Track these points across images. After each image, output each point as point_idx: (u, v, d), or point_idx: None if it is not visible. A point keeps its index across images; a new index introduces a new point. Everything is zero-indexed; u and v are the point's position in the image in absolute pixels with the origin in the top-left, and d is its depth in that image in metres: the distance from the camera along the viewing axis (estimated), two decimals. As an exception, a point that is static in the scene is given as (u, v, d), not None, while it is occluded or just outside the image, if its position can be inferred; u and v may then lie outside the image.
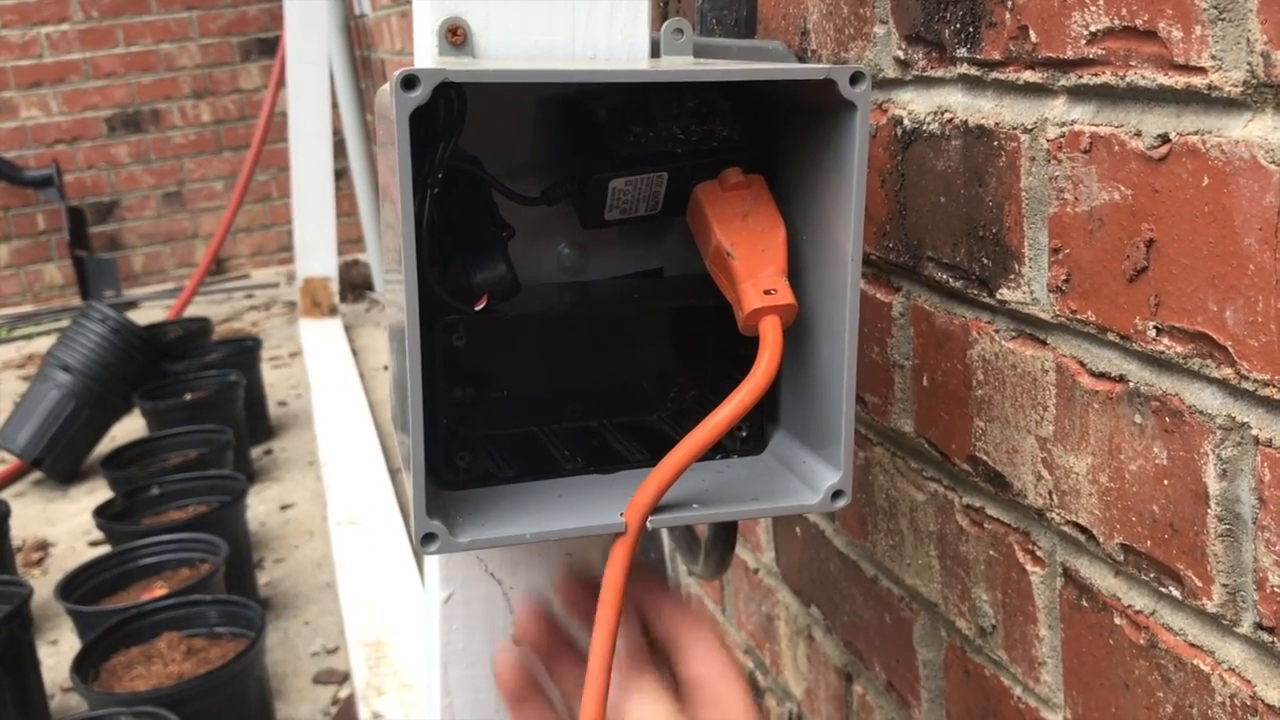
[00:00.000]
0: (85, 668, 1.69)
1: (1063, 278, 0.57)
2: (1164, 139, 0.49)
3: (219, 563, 1.95)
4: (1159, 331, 0.51)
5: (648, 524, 0.55)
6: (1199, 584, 0.51)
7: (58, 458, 2.88)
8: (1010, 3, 0.56)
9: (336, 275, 3.93)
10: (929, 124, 0.66)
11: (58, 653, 2.10)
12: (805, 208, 0.59)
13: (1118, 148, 0.51)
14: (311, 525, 2.55)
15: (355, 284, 4.34)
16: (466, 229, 0.59)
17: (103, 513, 2.22)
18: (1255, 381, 0.46)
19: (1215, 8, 0.45)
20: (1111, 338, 0.54)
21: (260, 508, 2.66)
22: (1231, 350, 0.47)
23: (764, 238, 0.58)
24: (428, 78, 0.49)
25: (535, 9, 0.60)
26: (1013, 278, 0.60)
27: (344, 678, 1.93)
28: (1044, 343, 0.60)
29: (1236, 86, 0.45)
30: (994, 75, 0.59)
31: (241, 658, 1.65)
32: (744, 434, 0.64)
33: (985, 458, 0.66)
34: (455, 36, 0.59)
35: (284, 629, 2.13)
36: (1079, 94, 0.54)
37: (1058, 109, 0.55)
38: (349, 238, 4.49)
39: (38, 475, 2.93)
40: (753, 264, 0.57)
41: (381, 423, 2.84)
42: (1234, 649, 0.51)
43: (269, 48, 4.77)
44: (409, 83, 0.48)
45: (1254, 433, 0.47)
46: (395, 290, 0.55)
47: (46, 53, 4.68)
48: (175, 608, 1.82)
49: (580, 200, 0.62)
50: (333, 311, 3.88)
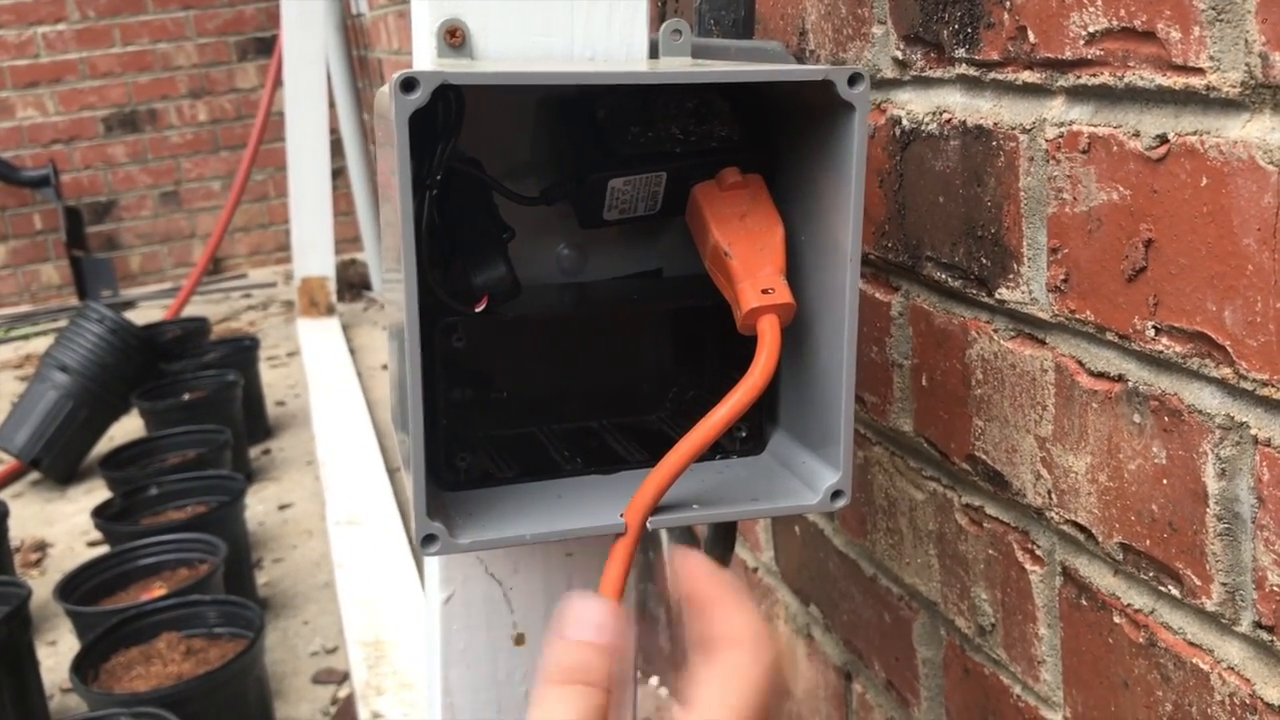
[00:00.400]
0: (84, 668, 1.69)
1: (1061, 277, 0.57)
2: (1162, 139, 0.49)
3: (218, 563, 1.95)
4: (1158, 331, 0.51)
5: (647, 524, 0.55)
6: (1198, 583, 0.52)
7: (56, 458, 2.88)
8: (1008, 3, 0.56)
9: (334, 274, 3.92)
10: (927, 124, 0.66)
11: (57, 653, 2.10)
12: (804, 207, 0.59)
13: (1116, 148, 0.52)
14: (310, 525, 2.54)
15: (353, 283, 4.34)
16: (466, 230, 0.59)
17: (101, 513, 2.22)
18: (1254, 381, 0.46)
19: (1213, 9, 0.45)
20: (1110, 337, 0.54)
21: (259, 507, 2.66)
22: (1230, 350, 0.47)
23: (762, 237, 0.58)
24: (427, 80, 0.49)
25: (534, 10, 0.60)
26: (1011, 277, 0.60)
27: (343, 677, 1.93)
28: (1043, 342, 0.60)
29: (1235, 87, 0.45)
30: (992, 75, 0.59)
31: (241, 658, 1.65)
32: (743, 434, 0.64)
33: (984, 457, 0.66)
34: (454, 38, 0.59)
35: (283, 629, 2.13)
36: (1077, 94, 0.54)
37: (1056, 109, 0.55)
38: (346, 237, 4.49)
39: (36, 476, 2.93)
40: (750, 263, 0.57)
41: (380, 422, 2.83)
42: (1233, 648, 0.51)
43: (266, 47, 4.76)
44: (408, 85, 0.48)
45: (1253, 432, 0.47)
46: (395, 290, 0.55)
47: (43, 52, 4.67)
48: (174, 608, 1.82)
49: (579, 200, 0.62)
50: (330, 311, 3.87)
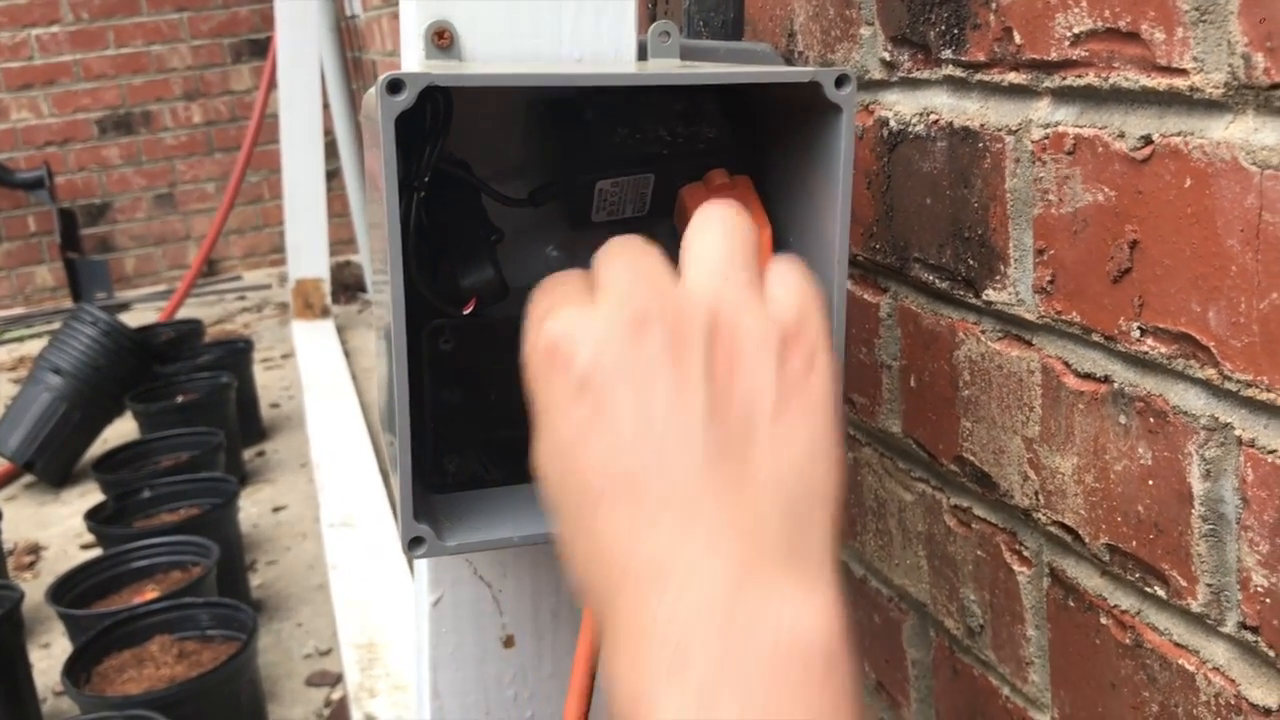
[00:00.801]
0: (77, 671, 1.69)
1: (1047, 279, 0.57)
2: (1147, 140, 0.49)
3: (211, 565, 1.95)
4: (1143, 332, 0.51)
5: None
6: (1183, 584, 0.52)
7: (49, 461, 2.88)
8: (994, 4, 0.57)
9: (328, 276, 3.93)
10: (915, 125, 0.66)
11: (49, 656, 2.10)
12: (792, 208, 0.59)
13: (1101, 149, 0.52)
14: (304, 527, 2.54)
15: (347, 285, 4.34)
16: (454, 232, 0.59)
17: (94, 516, 2.22)
18: (1238, 382, 0.46)
19: (1196, 9, 0.45)
20: (1096, 338, 0.54)
21: (253, 509, 2.66)
22: (1214, 351, 0.47)
23: (750, 239, 0.58)
24: (413, 82, 0.49)
25: (522, 11, 0.60)
26: (998, 279, 0.61)
27: (336, 679, 1.92)
28: (1029, 343, 0.60)
29: (1218, 88, 0.45)
30: (979, 77, 0.59)
31: (234, 660, 1.65)
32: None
33: (972, 458, 0.66)
34: (442, 39, 0.59)
35: (276, 631, 2.13)
36: (1063, 95, 0.54)
37: (1042, 110, 0.55)
38: (341, 239, 4.49)
39: (29, 478, 2.93)
40: (739, 266, 0.57)
41: (373, 424, 2.83)
42: (1218, 648, 0.51)
43: (260, 49, 4.76)
44: (394, 87, 0.48)
45: (1237, 433, 0.47)
46: (383, 291, 0.54)
47: (37, 55, 4.67)
48: (167, 611, 1.82)
49: (567, 202, 0.62)
50: (325, 313, 3.87)
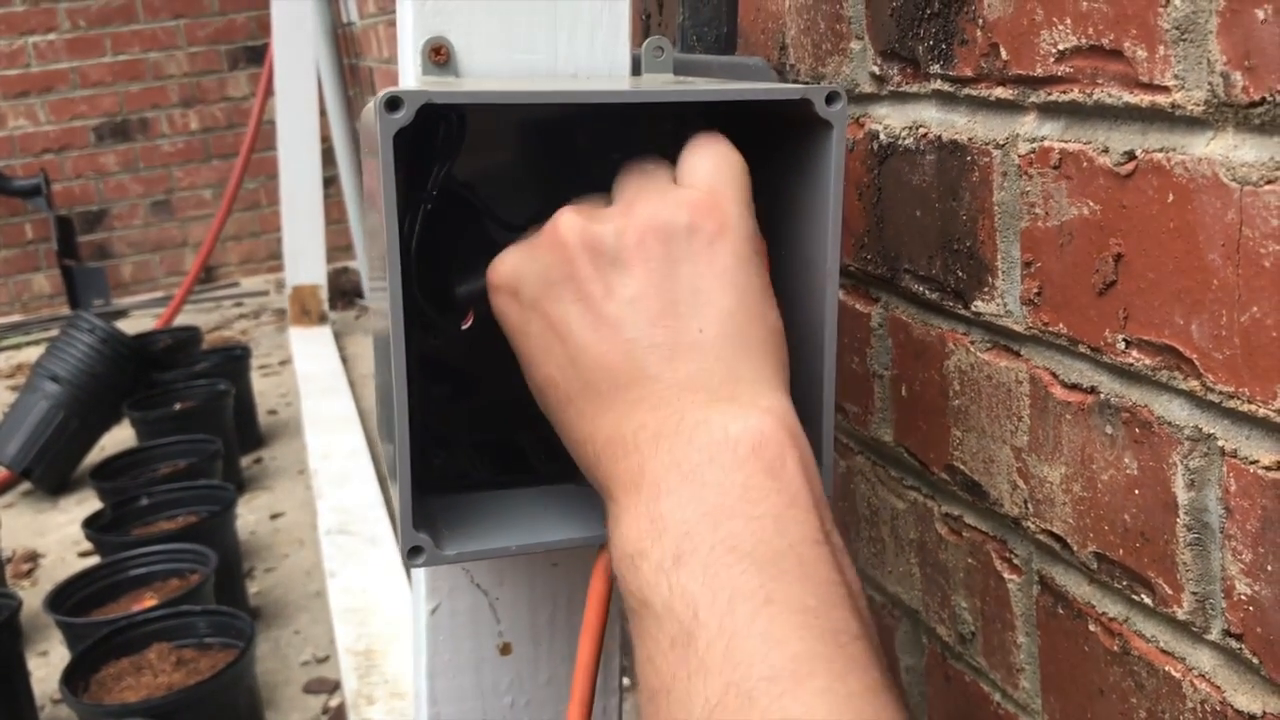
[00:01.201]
0: (75, 679, 1.69)
1: (1035, 290, 0.58)
2: (1130, 156, 0.50)
3: (208, 573, 1.95)
4: (1128, 344, 0.52)
5: None
6: (1169, 592, 0.52)
7: (47, 468, 2.88)
8: (981, 20, 0.57)
9: (326, 283, 3.93)
10: (904, 139, 0.67)
11: (47, 664, 2.10)
12: (784, 222, 0.60)
13: (1086, 164, 0.52)
14: (301, 534, 2.55)
15: (345, 291, 4.34)
16: (452, 242, 0.60)
17: (92, 523, 2.22)
18: (1220, 394, 0.47)
19: (1177, 28, 0.46)
20: (1083, 350, 0.55)
21: (250, 516, 2.66)
22: (1197, 363, 0.48)
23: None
24: (411, 99, 0.49)
25: (518, 28, 0.60)
26: (986, 290, 0.61)
27: (334, 686, 1.93)
28: (1018, 354, 0.61)
29: (1198, 105, 0.46)
30: (966, 91, 0.60)
31: (231, 668, 1.66)
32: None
33: (962, 467, 0.67)
34: (438, 56, 0.59)
35: (274, 638, 2.13)
36: (1048, 111, 0.55)
37: (1028, 125, 0.56)
38: (338, 245, 4.49)
39: (27, 486, 2.93)
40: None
41: (371, 431, 2.84)
42: (1204, 655, 0.52)
43: (257, 56, 4.77)
44: (393, 104, 0.49)
45: (1220, 444, 0.48)
46: (380, 298, 0.55)
47: (34, 62, 4.67)
48: (165, 618, 1.82)
49: None
50: (322, 319, 3.88)
